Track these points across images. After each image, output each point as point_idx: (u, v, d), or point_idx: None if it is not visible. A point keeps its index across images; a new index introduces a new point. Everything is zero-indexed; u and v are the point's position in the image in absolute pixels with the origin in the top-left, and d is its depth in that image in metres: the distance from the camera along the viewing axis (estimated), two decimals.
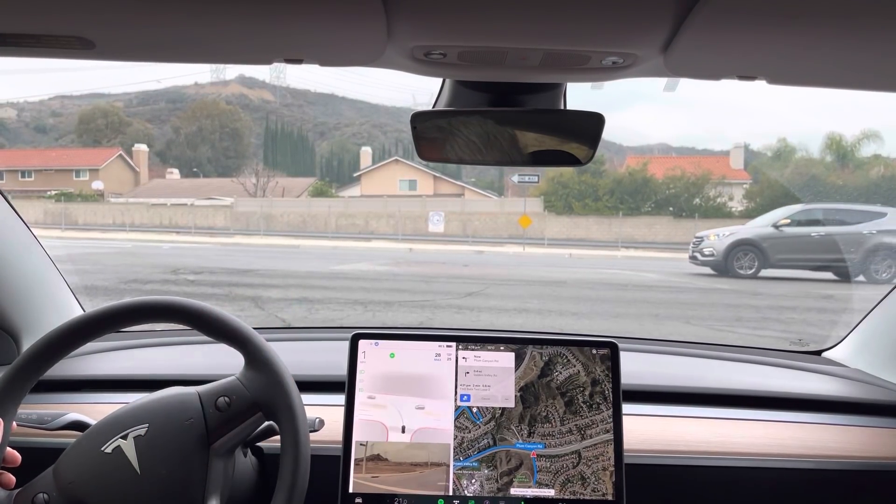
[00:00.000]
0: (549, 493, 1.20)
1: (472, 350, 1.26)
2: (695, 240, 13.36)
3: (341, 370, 1.25)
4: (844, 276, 11.70)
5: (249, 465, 1.15)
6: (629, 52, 0.89)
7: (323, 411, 1.21)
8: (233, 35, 0.86)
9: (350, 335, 1.26)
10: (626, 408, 1.27)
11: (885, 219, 11.92)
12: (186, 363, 1.57)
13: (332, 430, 1.18)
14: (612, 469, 1.21)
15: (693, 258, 12.98)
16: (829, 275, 11.86)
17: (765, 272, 11.99)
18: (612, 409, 1.23)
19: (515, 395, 1.24)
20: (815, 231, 12.08)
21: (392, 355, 1.26)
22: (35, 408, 1.13)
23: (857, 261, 11.54)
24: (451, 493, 1.20)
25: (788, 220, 12.43)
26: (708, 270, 12.63)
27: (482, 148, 1.17)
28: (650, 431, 1.35)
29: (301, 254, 16.71)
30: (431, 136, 1.16)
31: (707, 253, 12.59)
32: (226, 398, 1.00)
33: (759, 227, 12.90)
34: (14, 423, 1.00)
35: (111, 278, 9.77)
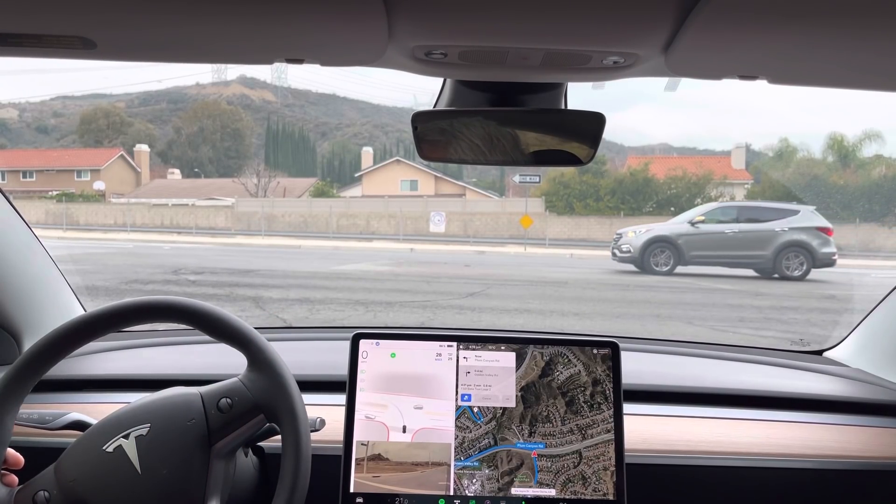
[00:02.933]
0: (550, 492, 1.20)
1: (473, 350, 1.26)
2: (615, 236, 13.49)
3: (342, 370, 1.25)
4: (762, 273, 12.02)
5: (250, 464, 1.15)
6: (630, 52, 0.89)
7: (324, 411, 1.21)
8: (234, 35, 0.86)
9: (351, 335, 1.26)
10: (627, 407, 1.27)
11: (797, 216, 12.19)
12: (188, 363, 1.57)
13: (333, 430, 1.18)
14: (613, 469, 1.21)
15: (613, 254, 13.17)
16: (746, 271, 12.12)
17: (680, 269, 12.21)
18: (613, 409, 1.23)
19: (516, 395, 1.24)
20: (729, 228, 12.27)
21: (393, 355, 1.26)
22: (36, 407, 1.13)
23: (769, 257, 11.77)
24: (451, 493, 1.20)
25: (703, 218, 12.65)
26: (630, 267, 12.75)
27: (483, 148, 1.17)
28: (651, 431, 1.34)
29: (302, 254, 16.71)
30: (432, 137, 1.16)
31: (625, 249, 12.73)
32: (228, 400, 1.00)
33: (675, 224, 13.12)
34: (15, 422, 1.00)
35: (112, 278, 9.78)
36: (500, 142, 1.15)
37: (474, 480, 1.20)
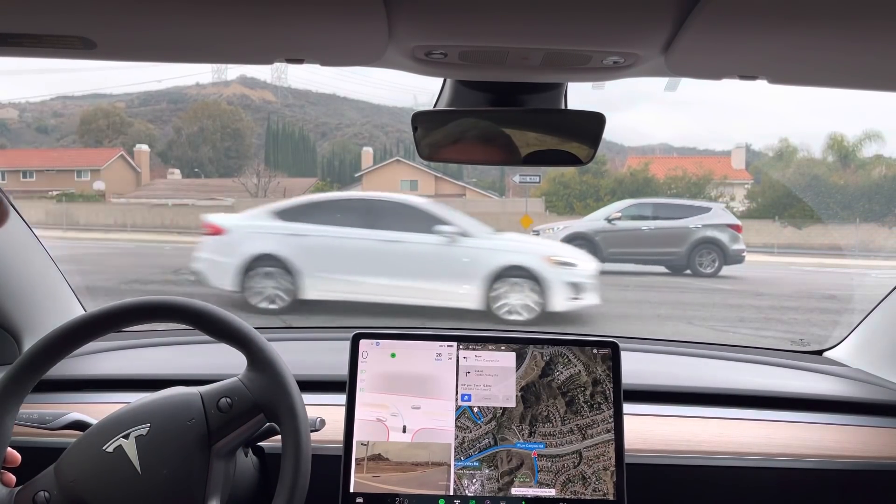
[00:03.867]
0: (550, 492, 1.20)
1: (473, 350, 1.26)
2: (532, 233, 13.06)
3: (342, 370, 1.25)
4: (674, 270, 11.86)
5: (250, 464, 1.15)
6: (630, 52, 0.89)
7: (324, 411, 1.21)
8: (234, 35, 0.86)
9: (351, 335, 1.26)
10: (627, 407, 1.27)
11: (709, 213, 12.21)
12: (188, 363, 1.57)
13: (333, 430, 1.18)
14: (613, 469, 1.21)
15: None
16: (659, 268, 11.97)
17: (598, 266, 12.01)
18: (613, 409, 1.23)
19: (516, 395, 1.24)
20: (645, 225, 12.20)
21: (393, 355, 1.26)
22: (36, 407, 1.13)
23: (683, 254, 11.75)
24: (451, 493, 1.20)
25: (620, 215, 12.41)
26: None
27: (483, 148, 1.17)
28: (651, 431, 1.34)
29: None
30: (432, 137, 1.16)
31: None
32: (228, 399, 1.00)
33: (593, 220, 12.83)
34: (15, 422, 1.00)
35: (112, 278, 9.77)
36: (500, 142, 1.15)
37: (474, 480, 1.20)
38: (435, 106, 1.18)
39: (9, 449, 0.99)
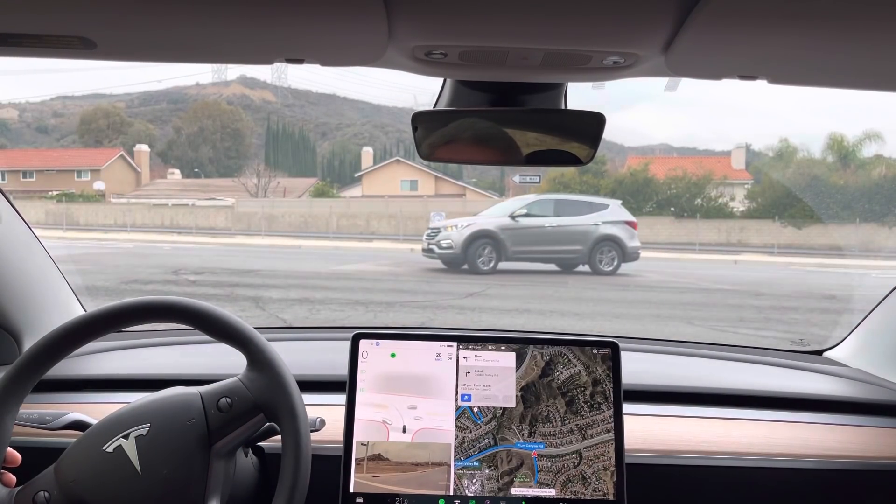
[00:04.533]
0: (550, 492, 1.20)
1: (473, 350, 1.26)
2: (430, 231, 12.46)
3: (342, 370, 1.25)
4: (565, 268, 11.94)
5: (250, 464, 1.15)
6: (630, 52, 0.89)
7: (324, 411, 1.21)
8: (234, 35, 0.86)
9: (351, 335, 1.26)
10: (627, 408, 1.27)
11: (607, 210, 12.10)
12: (188, 363, 1.57)
13: (333, 430, 1.18)
14: (613, 469, 1.21)
15: (428, 251, 12.07)
16: (553, 266, 11.91)
17: (502, 265, 11.63)
18: (612, 409, 1.23)
19: (516, 395, 1.24)
20: (548, 222, 11.95)
21: (393, 355, 1.26)
22: (36, 407, 1.13)
23: (584, 252, 11.66)
24: (451, 493, 1.20)
25: (525, 211, 12.14)
26: (437, 264, 11.96)
27: (483, 148, 1.17)
28: (651, 431, 1.34)
29: (302, 254, 16.70)
30: (433, 137, 1.16)
31: (445, 245, 11.76)
32: (227, 399, 1.00)
33: (496, 217, 12.40)
34: (15, 422, 1.00)
35: (112, 278, 9.77)
36: (500, 142, 1.15)
37: (474, 480, 1.20)
38: (435, 106, 1.18)
39: (9, 449, 0.99)
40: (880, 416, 1.43)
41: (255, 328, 1.04)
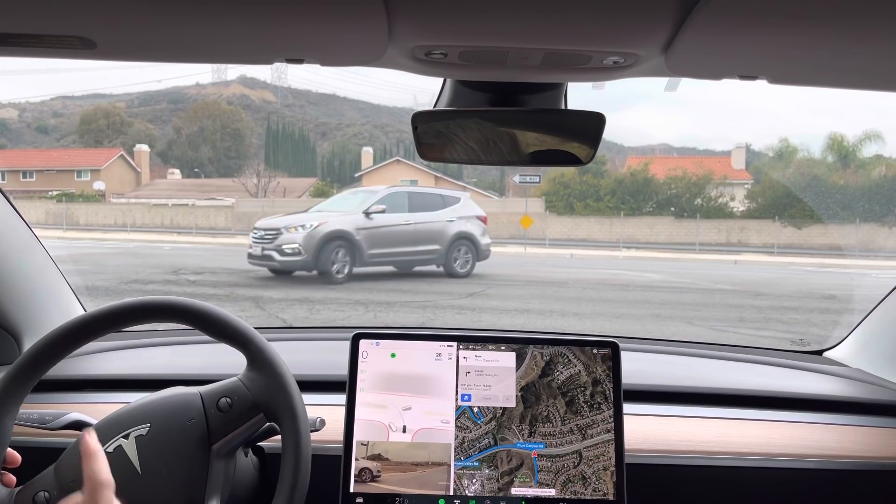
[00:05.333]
0: (550, 492, 1.20)
1: (473, 350, 1.26)
2: (264, 233, 10.24)
3: (342, 370, 1.25)
4: (402, 269, 10.89)
5: (250, 464, 1.15)
6: (630, 52, 0.89)
7: (324, 411, 1.21)
8: (234, 35, 0.86)
9: (351, 335, 1.26)
10: (627, 407, 1.27)
11: (459, 204, 11.23)
12: (188, 363, 1.57)
13: (333, 430, 1.18)
14: (613, 469, 1.21)
15: (264, 258, 10.06)
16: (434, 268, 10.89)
17: (357, 270, 10.25)
18: (613, 409, 1.23)
19: (516, 395, 1.24)
20: (405, 220, 10.74)
21: (393, 355, 1.26)
22: (36, 407, 1.13)
23: (443, 252, 10.67)
24: (451, 493, 1.20)
25: (384, 207, 10.68)
26: (264, 272, 10.33)
27: (483, 148, 1.17)
28: (651, 431, 1.34)
29: None
30: (432, 137, 1.16)
31: (290, 251, 9.87)
32: (227, 399, 1.00)
33: (349, 215, 10.59)
34: (15, 422, 1.00)
35: (112, 278, 9.78)
36: (500, 142, 1.15)
37: (474, 480, 1.20)
38: (435, 106, 1.18)
39: (9, 449, 0.99)
40: (880, 416, 1.43)
41: (255, 328, 1.04)
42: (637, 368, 1.47)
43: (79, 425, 1.06)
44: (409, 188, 13.33)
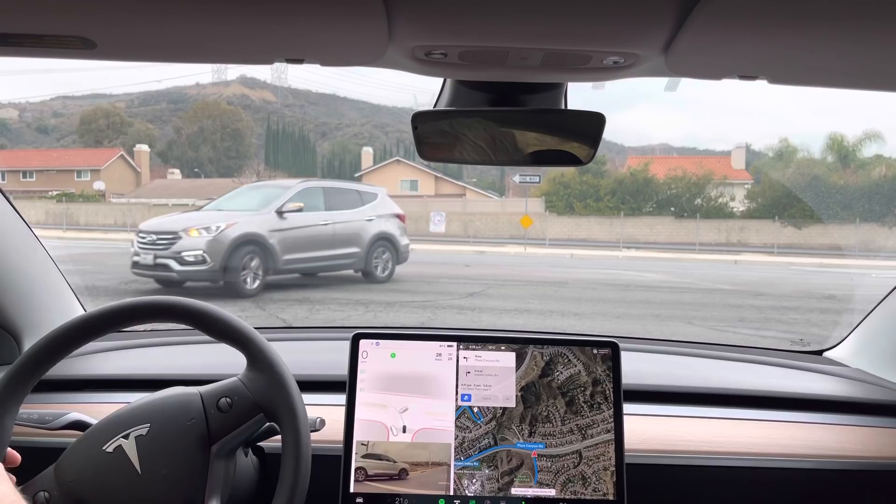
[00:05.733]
0: (550, 492, 1.20)
1: (473, 350, 1.26)
2: (154, 236, 8.52)
3: (342, 370, 1.25)
4: (305, 275, 9.61)
5: (250, 464, 1.15)
6: (630, 52, 0.89)
7: (324, 411, 1.21)
8: (234, 35, 0.86)
9: (351, 335, 1.26)
10: (627, 407, 1.27)
11: (377, 200, 10.19)
12: (188, 363, 1.57)
13: (333, 430, 1.18)
14: (613, 469, 1.21)
15: (158, 266, 8.32)
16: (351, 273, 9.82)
17: (271, 279, 8.93)
18: (613, 409, 1.23)
19: (516, 395, 1.24)
20: (321, 219, 9.49)
21: (393, 355, 1.26)
22: (36, 407, 1.13)
23: (362, 255, 9.58)
24: (451, 493, 1.20)
25: (301, 205, 9.33)
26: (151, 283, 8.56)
27: (483, 148, 1.17)
28: (651, 431, 1.34)
29: None
30: (433, 137, 1.16)
31: (192, 259, 8.20)
32: (227, 399, 1.00)
33: (259, 215, 9.05)
34: (15, 422, 1.00)
35: (112, 278, 9.77)
36: (500, 142, 1.15)
37: (474, 480, 1.20)
38: (435, 106, 1.18)
39: (9, 449, 0.99)
40: (880, 416, 1.43)
41: (255, 328, 1.04)
42: (637, 368, 1.47)
43: (79, 425, 1.06)
44: (324, 182, 11.61)
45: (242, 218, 8.92)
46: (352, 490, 1.19)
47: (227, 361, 1.24)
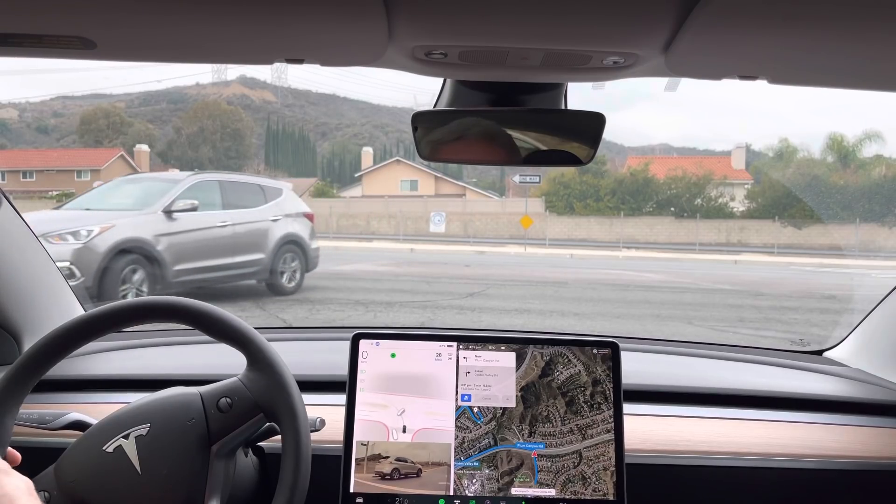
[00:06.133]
0: (550, 492, 1.20)
1: (473, 350, 1.26)
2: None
3: (342, 370, 1.25)
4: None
5: (250, 464, 1.15)
6: (630, 52, 0.89)
7: (324, 411, 1.21)
8: (234, 35, 0.86)
9: (351, 335, 1.26)
10: (627, 407, 1.27)
11: (282, 197, 8.74)
12: (188, 363, 1.57)
13: (333, 430, 1.18)
14: (613, 469, 1.21)
15: None
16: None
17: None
18: (612, 409, 1.23)
19: (516, 395, 1.24)
20: (219, 219, 7.89)
21: (393, 355, 1.26)
22: (36, 407, 1.13)
23: (267, 263, 8.18)
24: (451, 493, 1.20)
25: (195, 203, 7.63)
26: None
27: (483, 148, 1.17)
28: (651, 431, 1.34)
29: None
30: (433, 137, 1.16)
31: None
32: (227, 399, 1.00)
33: (144, 216, 7.38)
34: (15, 422, 1.00)
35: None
36: (500, 142, 1.15)
37: (474, 480, 1.20)
38: (435, 106, 1.18)
39: (9, 449, 0.99)
40: (880, 416, 1.43)
41: (255, 328, 1.04)
42: (637, 368, 1.47)
43: (79, 425, 1.06)
44: (220, 175, 9.42)
45: (121, 220, 7.16)
46: (352, 490, 1.19)
47: (227, 361, 1.24)
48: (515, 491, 1.20)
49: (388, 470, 1.20)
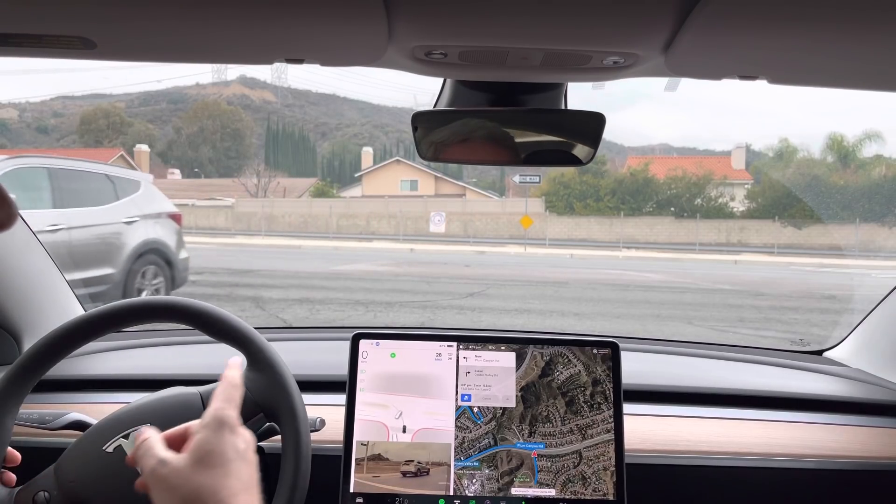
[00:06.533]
0: (550, 492, 1.20)
1: (473, 350, 1.26)
2: None
3: (342, 370, 1.25)
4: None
5: None
6: (630, 52, 0.89)
7: (324, 411, 1.21)
8: (234, 35, 0.86)
9: (351, 335, 1.26)
10: (627, 407, 1.27)
11: (139, 193, 6.70)
12: (188, 363, 1.57)
13: (333, 430, 1.18)
14: (613, 469, 1.21)
15: None
16: None
17: None
18: (612, 409, 1.23)
19: (516, 395, 1.24)
20: (48, 222, 5.61)
21: (393, 355, 1.26)
22: (36, 407, 1.13)
23: (119, 279, 6.19)
24: (451, 493, 1.20)
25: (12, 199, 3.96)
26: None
27: (483, 148, 1.17)
28: (651, 431, 1.34)
29: (302, 254, 16.72)
30: (433, 137, 1.16)
31: None
32: None
33: None
34: (15, 422, 1.00)
35: None
36: (500, 142, 1.15)
37: (474, 480, 1.20)
38: (435, 106, 1.18)
39: (9, 449, 0.99)
40: (880, 416, 1.43)
41: (255, 328, 1.04)
42: (637, 368, 1.47)
43: (79, 425, 1.06)
44: (50, 161, 6.25)
45: None
46: (352, 490, 1.19)
47: (226, 362, 1.24)
48: (515, 491, 1.20)
49: (414, 469, 1.20)
